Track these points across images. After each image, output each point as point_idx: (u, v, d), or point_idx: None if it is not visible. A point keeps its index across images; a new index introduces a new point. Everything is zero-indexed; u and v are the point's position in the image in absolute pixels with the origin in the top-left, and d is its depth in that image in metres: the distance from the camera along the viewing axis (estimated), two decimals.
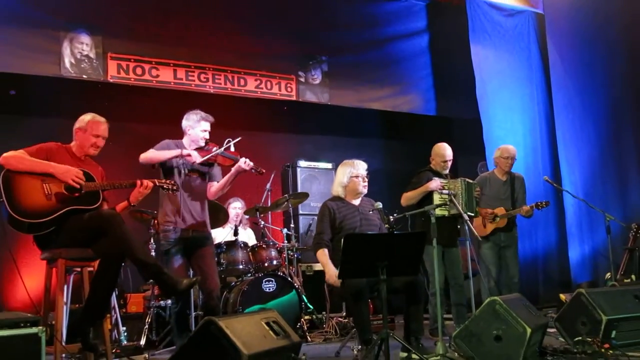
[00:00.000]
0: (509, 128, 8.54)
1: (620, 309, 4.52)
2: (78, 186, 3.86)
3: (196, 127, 4.95)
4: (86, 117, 4.21)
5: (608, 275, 6.75)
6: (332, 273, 4.71)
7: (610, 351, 3.86)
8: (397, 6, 9.03)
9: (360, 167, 5.11)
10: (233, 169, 4.89)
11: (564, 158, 8.46)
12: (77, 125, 4.20)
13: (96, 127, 4.18)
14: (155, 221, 5.76)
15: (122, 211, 4.16)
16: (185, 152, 4.76)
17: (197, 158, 4.78)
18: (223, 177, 5.04)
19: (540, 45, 8.97)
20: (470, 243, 5.41)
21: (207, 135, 4.97)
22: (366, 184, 5.11)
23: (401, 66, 9.06)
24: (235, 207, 6.97)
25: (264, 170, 4.98)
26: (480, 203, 6.20)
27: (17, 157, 3.85)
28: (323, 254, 4.86)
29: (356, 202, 5.12)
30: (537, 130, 8.79)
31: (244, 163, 4.83)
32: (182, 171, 4.81)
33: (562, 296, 6.71)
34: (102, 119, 4.24)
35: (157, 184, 4.27)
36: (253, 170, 4.89)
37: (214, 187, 5.04)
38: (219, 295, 5.05)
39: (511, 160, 6.51)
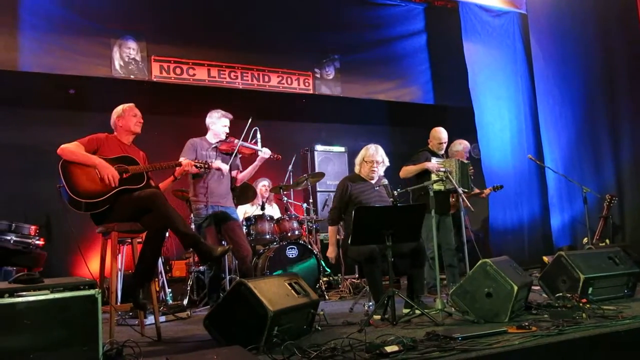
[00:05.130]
0: (497, 114, 8.48)
1: (596, 268, 4.48)
2: (112, 184, 3.80)
3: (218, 123, 4.96)
4: (118, 108, 4.19)
5: (585, 240, 6.69)
6: (330, 251, 4.89)
7: (588, 305, 3.80)
8: (398, 10, 8.95)
9: (372, 154, 4.81)
10: (257, 160, 4.90)
11: (545, 139, 8.34)
12: (114, 117, 4.17)
13: (130, 109, 4.17)
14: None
15: (169, 184, 4.19)
16: (214, 164, 4.81)
17: (224, 169, 4.92)
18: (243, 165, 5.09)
19: (524, 41, 8.83)
20: (465, 213, 5.32)
21: (227, 130, 4.99)
22: (376, 169, 4.82)
23: (403, 62, 8.98)
24: (264, 185, 7.00)
25: (280, 157, 5.00)
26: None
27: (71, 150, 3.81)
28: (331, 232, 4.91)
29: (372, 180, 4.88)
30: (522, 116, 8.67)
31: (266, 154, 4.87)
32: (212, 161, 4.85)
33: (545, 258, 6.66)
34: (131, 103, 4.23)
35: (193, 163, 4.35)
36: (272, 157, 4.91)
37: (242, 174, 5.06)
38: (252, 260, 5.05)
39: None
